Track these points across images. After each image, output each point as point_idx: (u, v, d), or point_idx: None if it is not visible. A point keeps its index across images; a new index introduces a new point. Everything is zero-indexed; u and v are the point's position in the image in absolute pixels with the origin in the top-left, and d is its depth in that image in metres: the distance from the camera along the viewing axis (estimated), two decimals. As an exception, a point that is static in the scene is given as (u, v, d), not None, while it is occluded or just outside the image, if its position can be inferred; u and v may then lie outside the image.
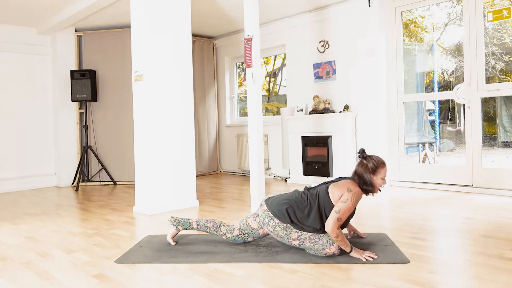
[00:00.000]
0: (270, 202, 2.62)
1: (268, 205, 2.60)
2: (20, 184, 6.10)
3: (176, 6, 4.29)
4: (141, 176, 4.17)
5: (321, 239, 2.47)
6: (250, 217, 2.72)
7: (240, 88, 7.62)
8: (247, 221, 2.71)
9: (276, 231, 2.55)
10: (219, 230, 2.76)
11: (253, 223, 2.68)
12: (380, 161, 2.52)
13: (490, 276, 2.11)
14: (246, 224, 2.71)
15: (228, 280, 2.19)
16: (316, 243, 2.46)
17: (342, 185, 2.51)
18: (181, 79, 4.32)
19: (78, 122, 6.47)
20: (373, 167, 2.49)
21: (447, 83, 6.59)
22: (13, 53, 6.10)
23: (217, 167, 7.47)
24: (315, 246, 2.46)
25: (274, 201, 2.60)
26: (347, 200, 2.42)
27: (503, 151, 5.83)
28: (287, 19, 6.18)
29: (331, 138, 5.44)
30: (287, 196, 2.60)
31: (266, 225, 2.59)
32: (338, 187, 2.51)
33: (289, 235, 2.52)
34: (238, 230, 2.73)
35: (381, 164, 2.52)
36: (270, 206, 2.59)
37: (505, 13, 4.31)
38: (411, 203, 4.09)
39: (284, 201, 2.56)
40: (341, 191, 2.48)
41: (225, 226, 2.78)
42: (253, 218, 2.69)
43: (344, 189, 2.48)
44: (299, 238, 2.50)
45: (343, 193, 2.46)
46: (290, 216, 2.51)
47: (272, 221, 2.54)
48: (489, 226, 3.12)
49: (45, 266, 2.51)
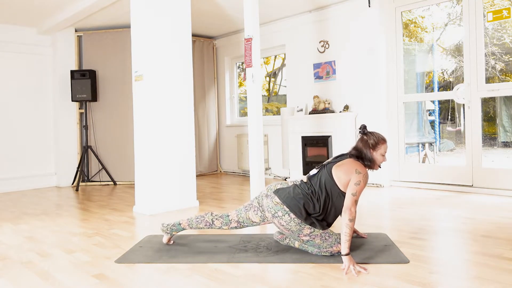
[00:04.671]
0: (282, 195, 2.51)
1: (281, 198, 2.49)
2: (20, 184, 6.10)
3: (176, 6, 4.29)
4: (141, 176, 4.17)
5: (331, 237, 2.49)
6: (250, 210, 2.60)
7: (240, 88, 7.62)
8: (247, 214, 2.61)
9: (289, 226, 2.46)
10: (213, 225, 2.69)
11: (255, 216, 2.58)
12: (380, 137, 2.55)
13: (490, 276, 2.11)
14: (247, 217, 2.61)
15: (228, 280, 2.19)
16: (326, 240, 2.47)
17: (347, 167, 2.46)
18: (181, 79, 4.32)
19: (78, 122, 6.48)
20: (373, 143, 2.51)
21: (447, 83, 6.60)
22: (13, 53, 6.09)
23: (217, 167, 7.47)
24: (324, 243, 2.47)
25: (288, 195, 2.50)
26: (360, 182, 2.41)
27: (503, 151, 5.83)
28: (287, 19, 6.18)
29: (331, 138, 5.44)
30: (301, 191, 2.50)
31: (277, 218, 2.48)
32: (344, 171, 2.45)
33: (302, 230, 2.46)
34: (236, 222, 2.64)
35: (382, 140, 2.54)
36: (285, 199, 2.48)
37: (505, 13, 4.31)
38: (411, 203, 4.09)
39: (299, 196, 2.48)
40: (348, 174, 2.43)
41: (219, 219, 2.67)
42: (254, 211, 2.58)
43: (351, 172, 2.43)
44: (311, 234, 2.46)
45: (351, 175, 2.42)
46: (308, 211, 2.45)
47: (288, 215, 2.45)
48: (489, 226, 3.12)
49: (45, 266, 2.51)
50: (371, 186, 5.18)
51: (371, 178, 5.22)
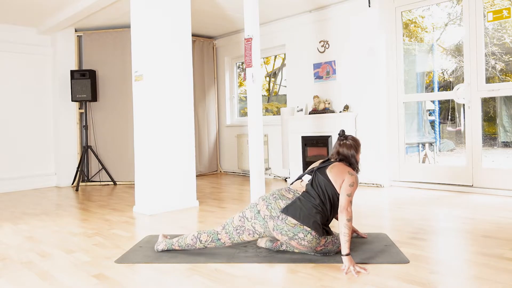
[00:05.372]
0: (296, 214, 2.38)
1: (297, 218, 2.37)
2: (20, 184, 6.10)
3: (176, 6, 4.29)
4: (141, 176, 4.17)
5: (338, 239, 2.51)
6: (244, 233, 2.48)
7: (240, 88, 7.62)
8: (240, 237, 2.49)
9: (310, 244, 2.39)
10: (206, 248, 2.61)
11: (251, 238, 2.48)
12: (358, 140, 2.69)
13: (490, 276, 2.11)
14: (241, 240, 2.50)
15: (228, 280, 2.19)
16: (335, 243, 2.49)
17: (340, 169, 2.51)
18: (181, 79, 4.32)
19: (78, 122, 6.47)
20: (356, 146, 2.63)
21: (447, 83, 6.59)
22: (13, 53, 6.09)
23: (217, 167, 7.47)
24: (334, 246, 2.48)
25: (301, 212, 2.39)
26: (353, 183, 2.45)
27: (503, 151, 5.83)
28: (287, 19, 6.18)
29: (331, 138, 5.43)
30: (311, 204, 2.41)
31: (297, 240, 2.37)
32: (338, 173, 2.49)
33: (319, 243, 2.42)
34: (230, 243, 2.55)
35: (359, 142, 2.69)
36: (302, 219, 2.37)
37: (505, 13, 4.31)
38: (411, 203, 4.09)
39: (312, 210, 2.40)
40: (341, 176, 2.47)
41: (211, 243, 2.55)
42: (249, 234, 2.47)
43: (344, 173, 2.48)
44: (326, 243, 2.45)
45: (345, 176, 2.46)
46: (322, 223, 2.43)
47: (310, 234, 2.37)
48: (489, 226, 3.12)
49: (45, 266, 2.51)
50: (371, 186, 5.18)
51: (371, 178, 5.22)
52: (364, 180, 5.28)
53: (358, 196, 4.58)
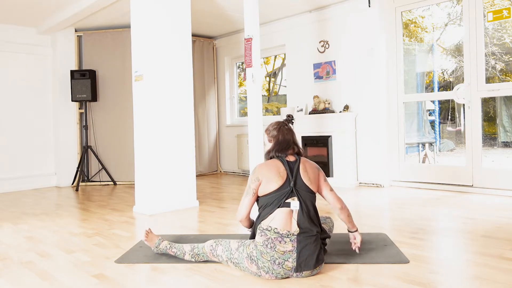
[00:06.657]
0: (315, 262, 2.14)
1: (317, 265, 2.15)
2: (20, 184, 6.10)
3: (176, 6, 4.29)
4: (141, 176, 4.17)
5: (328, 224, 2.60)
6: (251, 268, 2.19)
7: (240, 88, 7.62)
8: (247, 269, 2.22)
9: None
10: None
11: (265, 275, 2.15)
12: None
13: (490, 276, 2.11)
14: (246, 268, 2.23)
15: (228, 280, 2.19)
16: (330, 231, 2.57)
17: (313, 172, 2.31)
18: (181, 79, 4.32)
19: (78, 122, 6.47)
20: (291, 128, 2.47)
21: (447, 83, 6.59)
22: (13, 53, 6.09)
23: (217, 167, 7.47)
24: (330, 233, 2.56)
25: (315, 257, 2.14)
26: (324, 175, 2.40)
27: (503, 151, 5.83)
28: (287, 19, 6.18)
29: (331, 138, 5.43)
30: (315, 242, 2.16)
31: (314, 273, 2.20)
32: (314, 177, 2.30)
33: None
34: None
35: None
36: (320, 261, 2.18)
37: (505, 13, 4.31)
38: (411, 203, 4.09)
39: (317, 247, 2.17)
40: (316, 178, 2.33)
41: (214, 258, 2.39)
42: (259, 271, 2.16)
43: (315, 170, 2.34)
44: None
45: (318, 172, 2.35)
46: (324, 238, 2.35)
47: (323, 264, 2.23)
48: (489, 226, 3.12)
49: (45, 266, 2.51)
50: (371, 186, 5.18)
51: (371, 178, 5.22)
52: (364, 180, 5.29)
53: (358, 196, 4.58)
